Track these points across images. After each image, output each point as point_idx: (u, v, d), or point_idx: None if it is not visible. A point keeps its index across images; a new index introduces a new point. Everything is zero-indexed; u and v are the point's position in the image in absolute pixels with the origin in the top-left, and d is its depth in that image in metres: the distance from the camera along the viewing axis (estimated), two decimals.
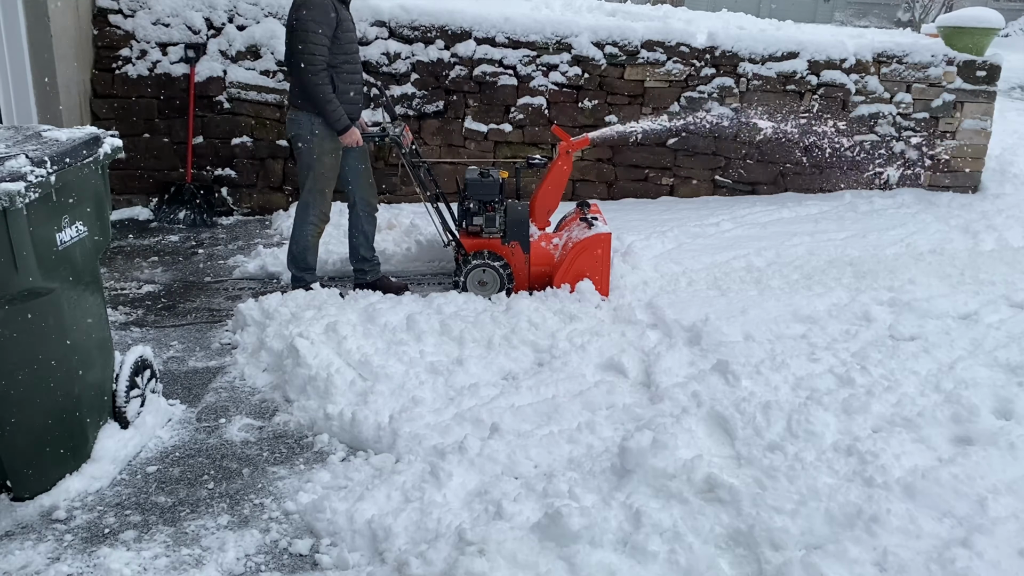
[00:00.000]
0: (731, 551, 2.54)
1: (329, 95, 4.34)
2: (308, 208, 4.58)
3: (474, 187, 4.74)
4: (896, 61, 7.12)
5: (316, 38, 4.26)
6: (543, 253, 4.85)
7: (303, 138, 4.48)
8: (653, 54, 6.77)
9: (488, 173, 4.82)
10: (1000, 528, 2.56)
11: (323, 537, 2.71)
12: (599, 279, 4.68)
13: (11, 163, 2.53)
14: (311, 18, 4.25)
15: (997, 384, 3.53)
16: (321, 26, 4.26)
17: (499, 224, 4.77)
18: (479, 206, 4.76)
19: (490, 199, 4.75)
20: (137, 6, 6.23)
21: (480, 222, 4.77)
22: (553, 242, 4.92)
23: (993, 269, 5.23)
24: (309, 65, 4.28)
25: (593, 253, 4.66)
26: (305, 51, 4.26)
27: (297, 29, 4.29)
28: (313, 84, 4.30)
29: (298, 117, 4.47)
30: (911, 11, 15.96)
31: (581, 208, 5.12)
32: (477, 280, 4.73)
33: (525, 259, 4.78)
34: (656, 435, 2.93)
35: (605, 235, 4.68)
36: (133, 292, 4.90)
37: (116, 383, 3.20)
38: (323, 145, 4.47)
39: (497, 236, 4.78)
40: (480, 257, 4.71)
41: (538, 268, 4.82)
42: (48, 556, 2.61)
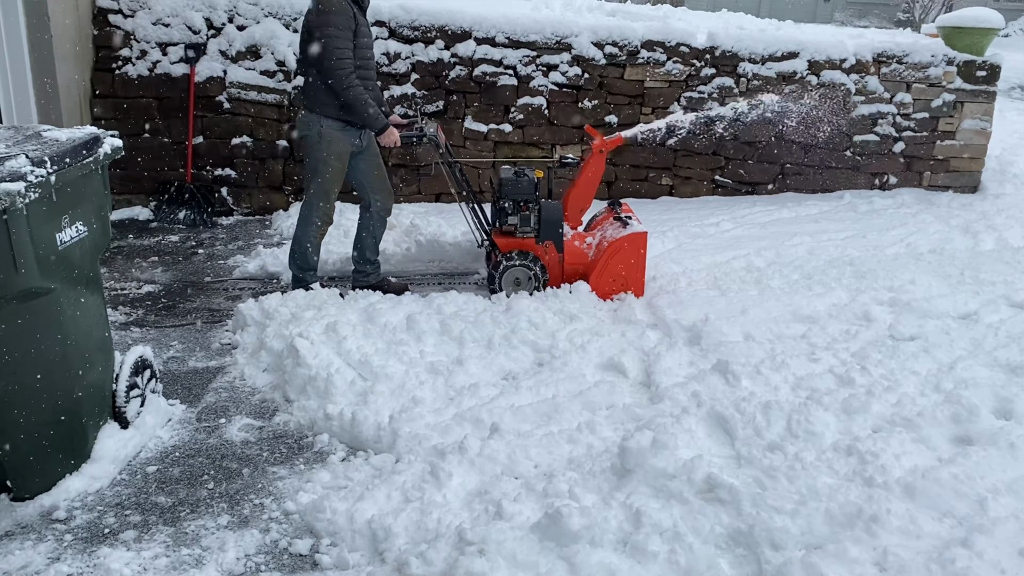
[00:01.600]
0: (731, 551, 2.54)
1: (363, 96, 4.35)
2: (312, 209, 4.58)
3: (509, 186, 4.75)
4: (896, 61, 7.12)
5: (341, 42, 4.26)
6: (577, 252, 4.86)
7: (311, 139, 4.47)
8: (653, 54, 6.77)
9: (523, 172, 4.83)
10: (1000, 528, 2.56)
11: (323, 537, 2.71)
12: (634, 278, 4.69)
13: (11, 163, 2.53)
14: (333, 23, 4.24)
15: (997, 384, 3.53)
16: (343, 29, 4.26)
17: (533, 223, 4.78)
18: (514, 206, 4.76)
19: (525, 198, 4.76)
20: (137, 6, 6.23)
21: (515, 221, 4.77)
22: (587, 241, 4.93)
23: (993, 269, 5.23)
24: (338, 69, 4.27)
25: (628, 252, 4.67)
26: (331, 55, 4.26)
27: (318, 35, 4.28)
28: (344, 87, 4.30)
29: (308, 118, 4.48)
30: (911, 11, 15.96)
31: (612, 207, 5.13)
32: (512, 279, 4.74)
33: (559, 258, 4.80)
34: (656, 435, 2.93)
35: (641, 234, 4.69)
36: (133, 292, 4.91)
37: (116, 383, 3.20)
38: (331, 147, 4.46)
39: (531, 235, 4.79)
40: (515, 257, 4.72)
41: (572, 267, 4.83)
42: (48, 556, 2.61)
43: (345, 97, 4.32)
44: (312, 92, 4.43)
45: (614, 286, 4.71)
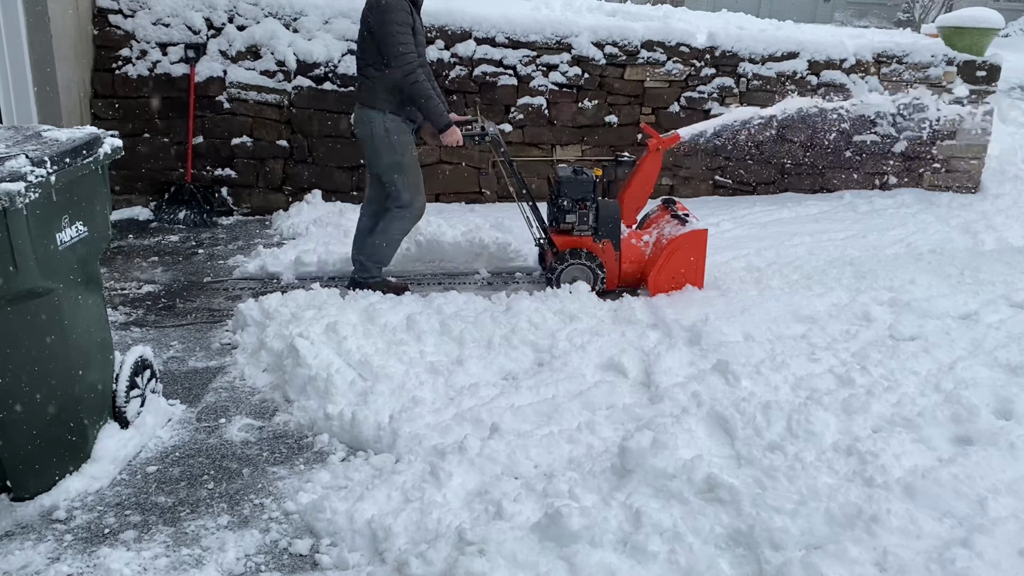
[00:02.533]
0: (731, 551, 2.54)
1: (429, 92, 4.37)
2: (409, 207, 4.61)
3: (569, 185, 4.76)
4: (896, 61, 7.12)
5: (403, 36, 4.29)
6: (634, 250, 4.88)
7: (379, 137, 4.49)
8: (653, 54, 6.77)
9: (582, 171, 4.85)
10: (1000, 528, 2.56)
11: (323, 537, 2.71)
12: (693, 275, 4.72)
13: (11, 163, 2.53)
14: (395, 20, 4.27)
15: (997, 384, 3.53)
16: (404, 26, 4.29)
17: (591, 222, 4.78)
18: (572, 204, 4.77)
19: (584, 197, 4.76)
20: (137, 6, 6.24)
21: (573, 220, 4.79)
22: (644, 239, 4.94)
23: (993, 269, 5.23)
24: (405, 65, 4.30)
25: (688, 249, 4.69)
26: (396, 52, 4.29)
27: (379, 31, 4.31)
28: (411, 84, 4.32)
29: (369, 115, 4.49)
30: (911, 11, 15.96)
31: (667, 205, 5.13)
32: (571, 278, 4.75)
33: (616, 256, 4.82)
34: (656, 435, 2.92)
35: (701, 231, 4.72)
36: (133, 292, 4.91)
37: (116, 383, 3.20)
38: (401, 140, 4.50)
39: (588, 234, 4.80)
40: (573, 255, 4.72)
41: (629, 265, 4.86)
42: (48, 556, 2.61)
43: (411, 91, 4.35)
44: (373, 89, 4.45)
45: (673, 283, 4.74)
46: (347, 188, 6.64)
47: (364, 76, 4.53)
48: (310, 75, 6.38)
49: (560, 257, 4.75)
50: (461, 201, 6.80)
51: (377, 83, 4.44)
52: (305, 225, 6.00)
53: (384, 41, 4.31)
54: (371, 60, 4.42)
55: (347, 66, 6.40)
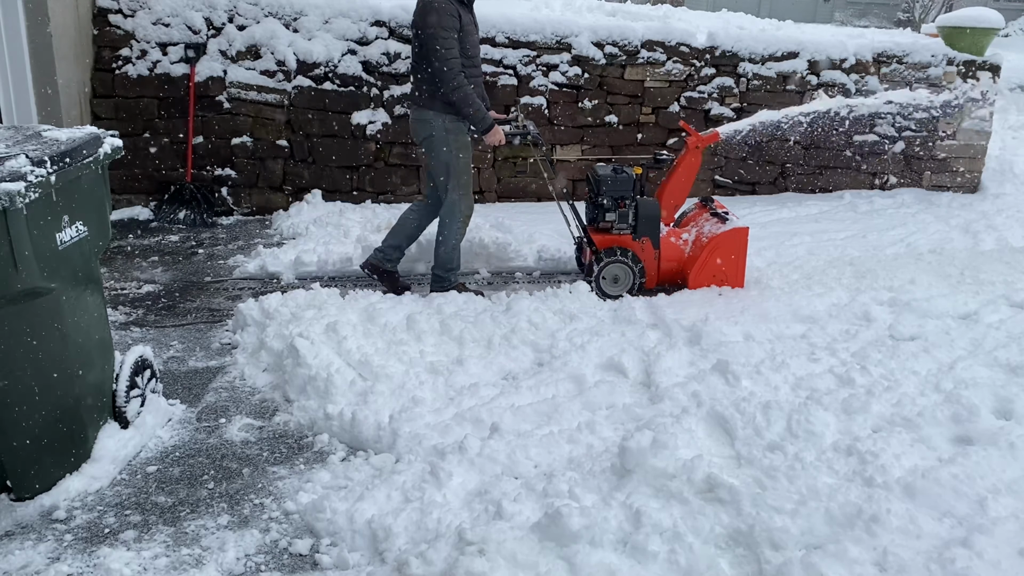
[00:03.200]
0: (731, 551, 2.54)
1: (470, 96, 4.40)
2: (456, 207, 4.62)
3: (609, 183, 4.77)
4: (896, 61, 7.12)
5: (448, 43, 4.31)
6: (673, 248, 4.88)
7: (437, 138, 4.51)
8: (653, 54, 6.77)
9: (621, 170, 4.86)
10: (1000, 528, 2.56)
11: (323, 537, 2.71)
12: (734, 274, 4.73)
13: (11, 163, 2.53)
14: (439, 23, 4.29)
15: (997, 384, 3.53)
16: (449, 30, 4.30)
17: (631, 220, 4.79)
18: (612, 202, 4.78)
19: (624, 195, 4.77)
20: (137, 6, 6.23)
21: (613, 218, 4.79)
22: (683, 238, 4.94)
23: (993, 269, 5.24)
24: (448, 70, 4.32)
25: (729, 247, 4.70)
26: (440, 56, 4.30)
27: (423, 34, 4.33)
28: (453, 88, 4.34)
29: (426, 117, 4.50)
30: (911, 11, 15.96)
31: (705, 203, 5.13)
32: (611, 276, 4.77)
33: (655, 255, 4.83)
34: (656, 435, 2.92)
35: (742, 229, 4.73)
36: (133, 292, 4.91)
37: (116, 383, 3.20)
38: (457, 141, 4.52)
39: (627, 232, 4.81)
40: (612, 254, 4.73)
41: (668, 264, 4.87)
42: (48, 556, 2.61)
43: (452, 96, 4.37)
44: (429, 92, 4.47)
45: (713, 282, 4.75)
46: (347, 188, 6.64)
47: (418, 78, 4.54)
48: (310, 75, 6.38)
49: (599, 256, 4.76)
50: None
51: (433, 89, 4.45)
52: (305, 225, 6.00)
53: (426, 44, 4.34)
54: (423, 66, 4.44)
55: (347, 66, 6.40)
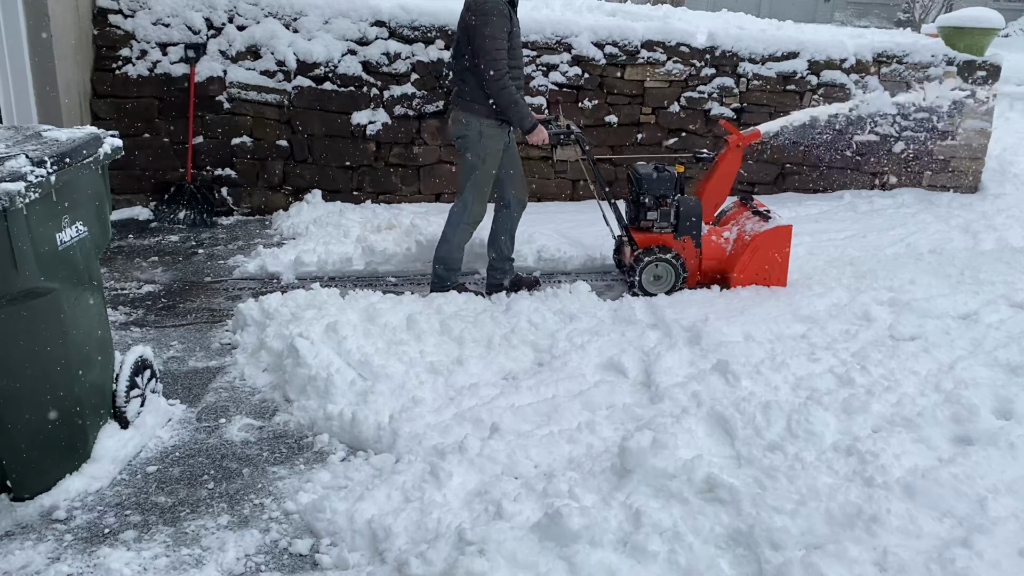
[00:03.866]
0: (731, 551, 2.54)
1: (515, 96, 4.41)
2: (466, 208, 4.62)
3: (651, 182, 4.77)
4: (896, 61, 7.12)
5: (499, 43, 4.32)
6: (714, 247, 4.88)
7: (472, 139, 4.51)
8: (653, 54, 6.77)
9: (663, 168, 4.86)
10: (1000, 528, 2.56)
11: (323, 537, 2.71)
12: (777, 272, 4.73)
13: (11, 163, 2.53)
14: (491, 23, 4.30)
15: (997, 384, 3.53)
16: (499, 30, 4.32)
17: (672, 219, 4.80)
18: (654, 201, 4.78)
19: (666, 194, 4.78)
20: (137, 6, 6.23)
21: (654, 217, 4.79)
22: (724, 236, 4.94)
23: (993, 269, 5.24)
24: (494, 70, 4.33)
25: (773, 246, 4.70)
26: (487, 56, 4.31)
27: (476, 35, 4.33)
28: (498, 88, 4.35)
29: (466, 118, 4.51)
30: (911, 11, 15.96)
31: (744, 202, 5.13)
32: (652, 275, 4.77)
33: (696, 253, 4.83)
34: (656, 435, 2.92)
35: (786, 227, 4.73)
36: (133, 292, 4.91)
37: (116, 383, 3.20)
38: (489, 147, 4.52)
39: (668, 231, 4.81)
40: (654, 252, 4.74)
41: (709, 262, 4.87)
42: (48, 556, 2.61)
43: (497, 97, 4.38)
44: (470, 93, 4.48)
45: (757, 280, 4.75)
46: (347, 188, 6.63)
47: (462, 79, 4.55)
48: (310, 75, 6.38)
49: (641, 255, 4.76)
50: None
51: (475, 90, 4.46)
52: (305, 225, 6.00)
53: (476, 43, 4.34)
54: (468, 64, 4.45)
55: (347, 66, 6.40)
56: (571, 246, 5.62)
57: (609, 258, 5.47)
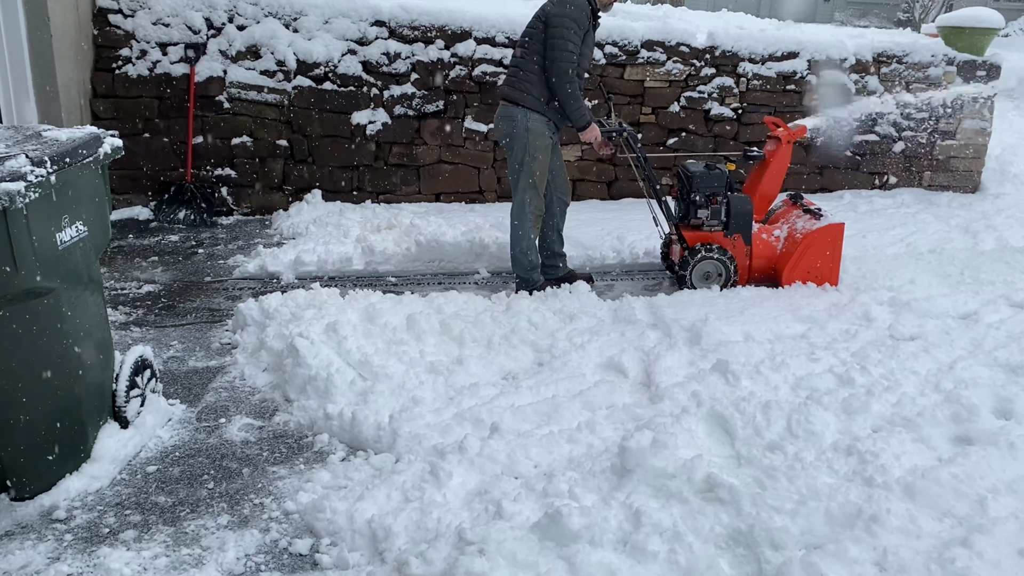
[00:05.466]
0: (731, 551, 2.54)
1: (576, 92, 4.43)
2: (525, 206, 4.64)
3: (702, 180, 4.78)
4: (896, 61, 7.12)
5: (573, 37, 4.34)
6: (765, 245, 4.88)
7: (518, 134, 4.52)
8: (653, 54, 6.77)
9: (714, 166, 4.87)
10: (1000, 528, 2.56)
11: (323, 537, 2.71)
12: (829, 271, 4.73)
13: (11, 163, 2.53)
14: (572, 17, 4.33)
15: (997, 384, 3.53)
16: (578, 28, 4.35)
17: (723, 216, 4.80)
18: (705, 199, 4.78)
19: (717, 192, 4.79)
20: (137, 6, 6.23)
21: (705, 214, 4.80)
22: (774, 234, 4.94)
23: (993, 269, 5.24)
24: (561, 62, 4.35)
25: (825, 244, 4.70)
26: (557, 47, 4.33)
27: (553, 25, 4.35)
28: (563, 81, 4.37)
29: (512, 113, 4.53)
30: (911, 11, 15.96)
31: (794, 200, 5.13)
32: (703, 273, 4.78)
33: (747, 251, 4.84)
34: (656, 435, 2.92)
35: (838, 225, 4.73)
36: (133, 292, 4.91)
37: (116, 383, 3.20)
38: (538, 141, 4.53)
39: (719, 229, 4.81)
40: (704, 250, 4.75)
41: (759, 261, 4.87)
42: (48, 556, 2.61)
43: (560, 91, 4.40)
44: (523, 86, 4.50)
45: (808, 278, 4.75)
46: (347, 188, 6.64)
47: (520, 70, 4.55)
48: (310, 75, 6.38)
49: (691, 252, 4.77)
50: (461, 201, 6.80)
51: (532, 83, 4.48)
52: (305, 225, 6.00)
53: (553, 36, 4.36)
54: (534, 58, 4.47)
55: (347, 66, 6.40)
56: (571, 246, 5.62)
57: (609, 258, 5.47)
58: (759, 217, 5.03)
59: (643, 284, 5.23)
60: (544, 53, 4.42)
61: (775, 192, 5.05)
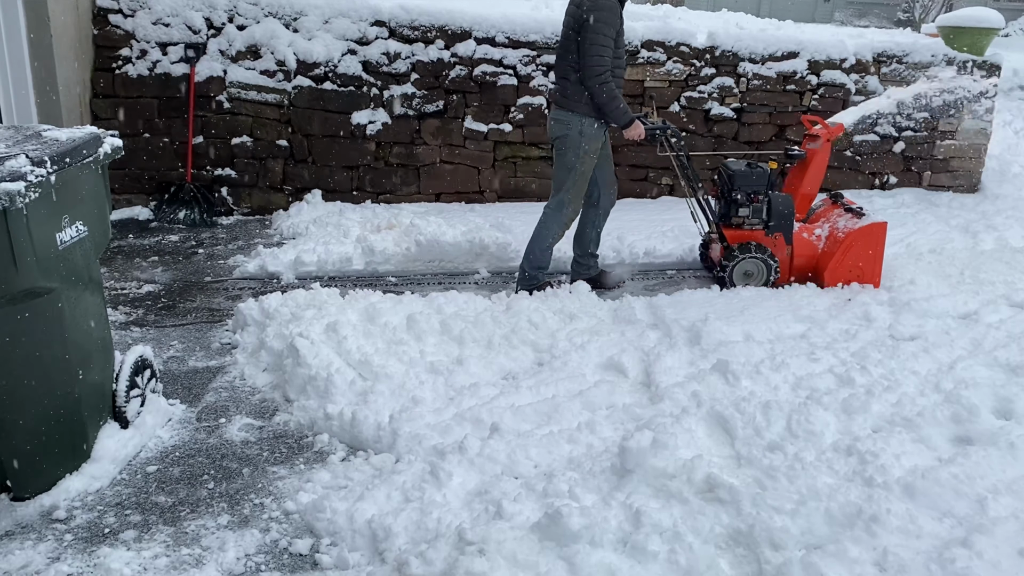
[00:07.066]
0: (731, 551, 2.54)
1: (613, 91, 4.45)
2: (563, 206, 4.67)
3: (743, 179, 4.79)
4: (896, 61, 7.12)
5: (604, 40, 4.35)
6: (806, 244, 4.89)
7: (572, 138, 4.54)
8: (653, 54, 6.77)
9: (756, 165, 4.88)
10: (1000, 528, 2.56)
11: (323, 537, 2.71)
12: (871, 270, 4.73)
13: (11, 163, 2.53)
14: (603, 20, 4.34)
15: (997, 384, 3.53)
16: (609, 28, 4.36)
17: (764, 216, 4.81)
18: (746, 198, 4.79)
19: (758, 191, 4.80)
20: (137, 6, 6.23)
21: (746, 213, 4.81)
22: (815, 233, 4.94)
23: (993, 269, 5.24)
24: (596, 66, 4.36)
25: (867, 243, 4.70)
26: (591, 53, 4.35)
27: (585, 29, 4.36)
28: (598, 83, 4.38)
29: (567, 117, 4.55)
30: (911, 11, 15.96)
31: (834, 199, 5.13)
32: (743, 272, 4.79)
33: (788, 250, 4.84)
34: (656, 435, 2.92)
35: (880, 224, 4.73)
36: (133, 292, 4.91)
37: (116, 383, 3.20)
38: (588, 146, 4.56)
39: (759, 228, 4.82)
40: (745, 249, 4.75)
41: (801, 259, 4.88)
42: (48, 556, 2.61)
43: (596, 93, 4.42)
44: (572, 91, 4.52)
45: (850, 278, 4.76)
46: (347, 188, 6.64)
47: (565, 78, 4.57)
48: (310, 75, 6.38)
49: (732, 251, 4.78)
50: (461, 201, 6.80)
51: (579, 85, 4.49)
52: (305, 225, 6.00)
53: (584, 40, 4.37)
54: (573, 62, 4.48)
55: (347, 66, 6.40)
56: (570, 246, 5.62)
57: (609, 258, 5.47)
58: (800, 216, 5.04)
59: (643, 284, 5.23)
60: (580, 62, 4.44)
61: (815, 191, 5.08)
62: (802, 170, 5.04)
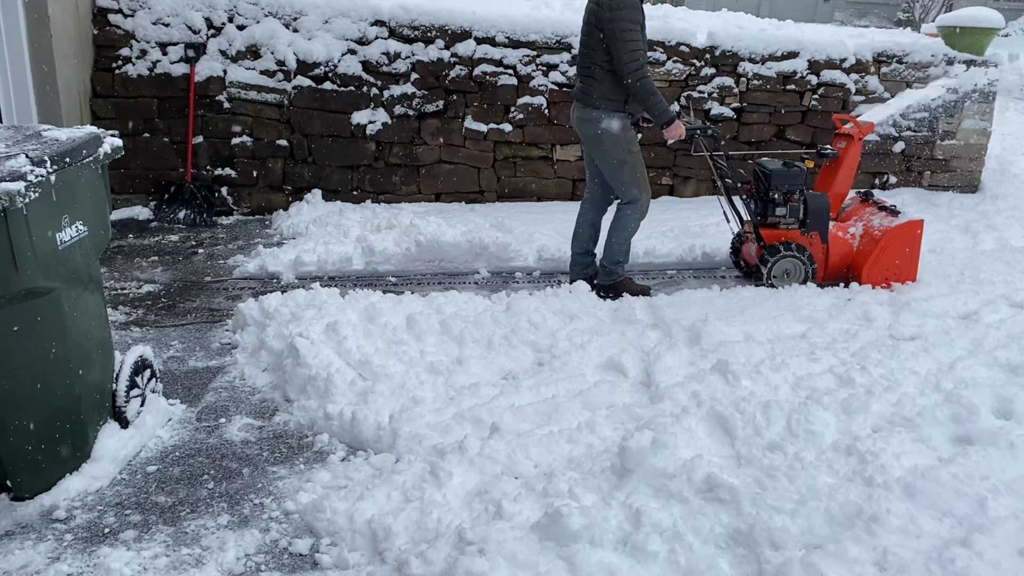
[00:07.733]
0: (731, 551, 2.54)
1: (653, 88, 4.42)
2: (639, 203, 4.68)
3: (780, 178, 4.79)
4: (896, 61, 7.12)
5: (634, 35, 4.34)
6: (841, 243, 4.90)
7: (605, 135, 4.53)
8: (653, 54, 6.77)
9: (792, 164, 4.89)
10: (1000, 528, 2.56)
11: (323, 537, 2.71)
12: (908, 268, 4.74)
13: (11, 163, 2.53)
14: (627, 17, 4.32)
15: (997, 384, 3.53)
16: (635, 22, 4.34)
17: (800, 214, 4.82)
18: (782, 197, 4.80)
19: (795, 190, 4.81)
20: (137, 6, 6.23)
21: (783, 212, 4.82)
22: (850, 231, 4.95)
23: (993, 269, 5.23)
24: (633, 62, 4.34)
25: (904, 241, 4.71)
26: (625, 49, 4.32)
27: (612, 28, 4.33)
28: (638, 79, 4.36)
29: (596, 116, 4.53)
30: (911, 11, 15.96)
31: (865, 197, 5.15)
32: (782, 271, 4.81)
33: (823, 249, 4.86)
34: (656, 435, 2.92)
35: (917, 222, 4.74)
36: (133, 292, 4.91)
37: (116, 383, 3.20)
38: (629, 139, 4.56)
39: (795, 227, 4.83)
40: (784, 248, 4.77)
41: (836, 258, 4.89)
42: (48, 556, 2.61)
43: (636, 89, 4.39)
44: (600, 89, 4.49)
45: (887, 275, 4.77)
46: (347, 188, 6.64)
47: (589, 76, 4.54)
48: (310, 75, 6.38)
49: (770, 251, 4.78)
50: (461, 201, 6.80)
51: (604, 83, 4.47)
52: (305, 225, 6.00)
53: (614, 38, 4.34)
54: (598, 59, 4.45)
55: (347, 66, 6.40)
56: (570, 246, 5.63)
57: None
58: (832, 214, 5.06)
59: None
60: (607, 59, 4.41)
61: (847, 189, 5.09)
62: (834, 169, 5.05)
